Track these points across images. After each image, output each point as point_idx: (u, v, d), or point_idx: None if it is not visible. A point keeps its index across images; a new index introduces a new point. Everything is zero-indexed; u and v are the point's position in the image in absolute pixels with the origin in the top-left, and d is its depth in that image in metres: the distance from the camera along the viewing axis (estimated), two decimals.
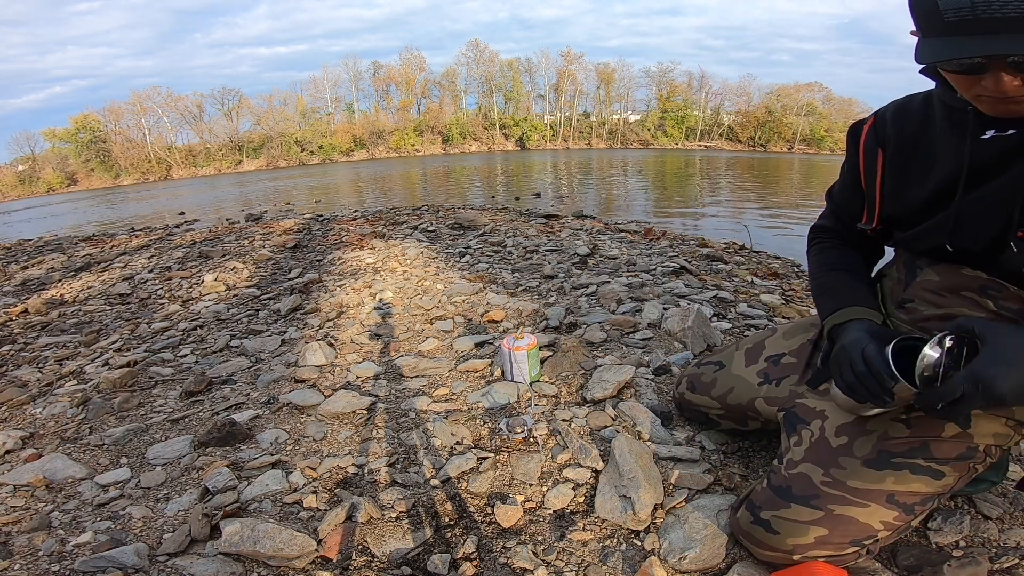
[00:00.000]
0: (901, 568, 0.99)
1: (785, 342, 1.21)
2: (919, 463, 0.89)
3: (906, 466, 0.89)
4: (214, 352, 2.42)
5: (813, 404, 1.05)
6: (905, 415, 0.93)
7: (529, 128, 55.29)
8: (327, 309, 2.84)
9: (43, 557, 1.15)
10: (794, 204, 11.37)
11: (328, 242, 4.98)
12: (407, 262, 3.76)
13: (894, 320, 1.01)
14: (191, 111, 50.39)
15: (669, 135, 55.34)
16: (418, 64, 57.12)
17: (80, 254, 5.80)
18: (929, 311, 0.96)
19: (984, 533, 1.07)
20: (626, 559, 1.07)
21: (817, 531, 0.89)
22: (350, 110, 56.55)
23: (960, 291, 0.91)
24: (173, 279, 3.98)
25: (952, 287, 0.93)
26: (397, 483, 1.34)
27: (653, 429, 1.44)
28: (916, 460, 0.89)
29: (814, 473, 0.93)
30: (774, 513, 0.94)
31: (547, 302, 2.67)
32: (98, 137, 45.51)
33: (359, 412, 1.72)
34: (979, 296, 0.90)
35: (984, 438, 0.90)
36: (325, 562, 1.11)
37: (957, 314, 0.91)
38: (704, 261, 3.91)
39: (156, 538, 1.19)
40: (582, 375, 1.79)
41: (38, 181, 43.20)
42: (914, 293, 0.99)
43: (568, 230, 5.20)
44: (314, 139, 50.65)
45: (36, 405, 1.98)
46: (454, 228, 5.30)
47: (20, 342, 2.82)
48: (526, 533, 1.14)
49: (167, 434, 1.67)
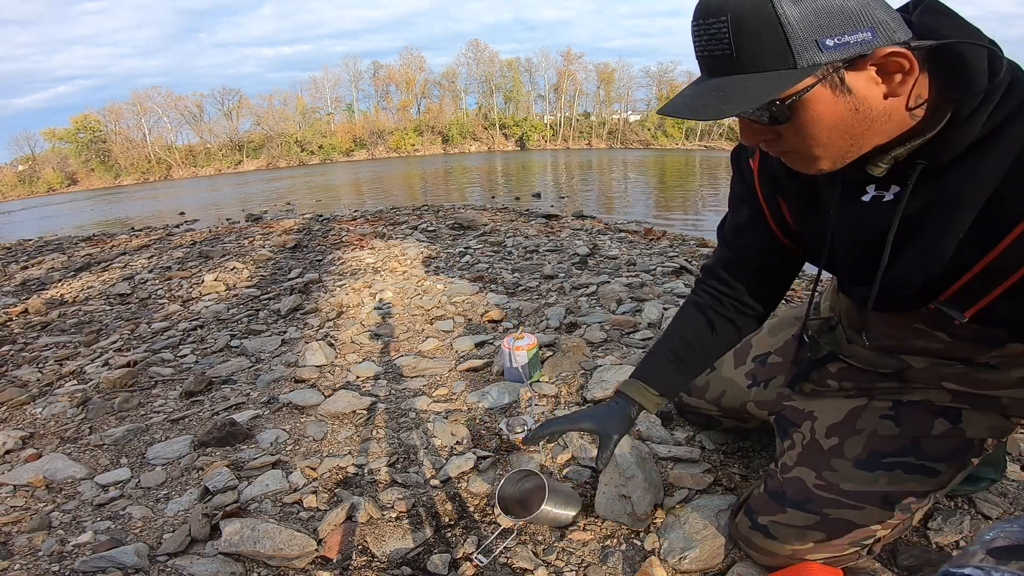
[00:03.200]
0: (901, 568, 0.99)
1: (771, 339, 1.20)
2: (911, 462, 0.87)
3: (898, 466, 0.87)
4: (214, 352, 2.42)
5: (801, 406, 1.04)
6: (893, 412, 0.92)
7: (529, 128, 55.30)
8: (327, 309, 2.84)
9: (43, 557, 1.15)
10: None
11: (328, 242, 4.98)
12: (407, 262, 3.76)
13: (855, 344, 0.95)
14: (191, 111, 50.47)
15: (669, 135, 55.34)
16: (418, 64, 57.20)
17: (80, 254, 5.80)
18: (886, 341, 0.91)
19: None
20: (626, 559, 1.07)
21: (815, 535, 0.89)
22: (350, 110, 56.61)
23: (912, 324, 0.87)
24: (173, 279, 3.98)
25: (903, 321, 0.87)
26: (397, 483, 1.34)
27: (653, 429, 1.44)
28: (908, 459, 0.88)
29: (807, 477, 0.92)
30: (771, 518, 0.93)
31: (547, 302, 2.67)
32: (98, 137, 45.54)
33: (359, 412, 1.72)
34: (931, 329, 0.85)
35: (978, 431, 0.87)
36: (325, 562, 1.11)
37: (914, 347, 0.88)
38: (704, 261, 3.90)
39: (156, 538, 1.19)
40: (582, 375, 1.79)
41: (38, 181, 43.22)
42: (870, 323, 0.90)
43: (568, 230, 5.20)
44: (314, 139, 50.68)
45: (36, 405, 1.98)
46: (454, 228, 5.30)
47: (20, 342, 2.82)
48: (526, 533, 1.14)
49: (167, 434, 1.67)
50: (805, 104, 0.61)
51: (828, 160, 0.67)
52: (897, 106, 0.62)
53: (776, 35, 0.56)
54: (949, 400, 0.89)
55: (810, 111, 0.61)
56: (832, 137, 0.64)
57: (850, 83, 0.59)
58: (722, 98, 0.60)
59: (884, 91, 0.61)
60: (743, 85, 0.59)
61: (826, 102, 0.60)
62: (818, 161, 0.67)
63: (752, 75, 0.59)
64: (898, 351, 0.91)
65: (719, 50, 0.60)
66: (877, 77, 0.60)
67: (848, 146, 0.65)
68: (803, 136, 0.64)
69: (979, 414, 0.88)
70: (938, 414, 0.89)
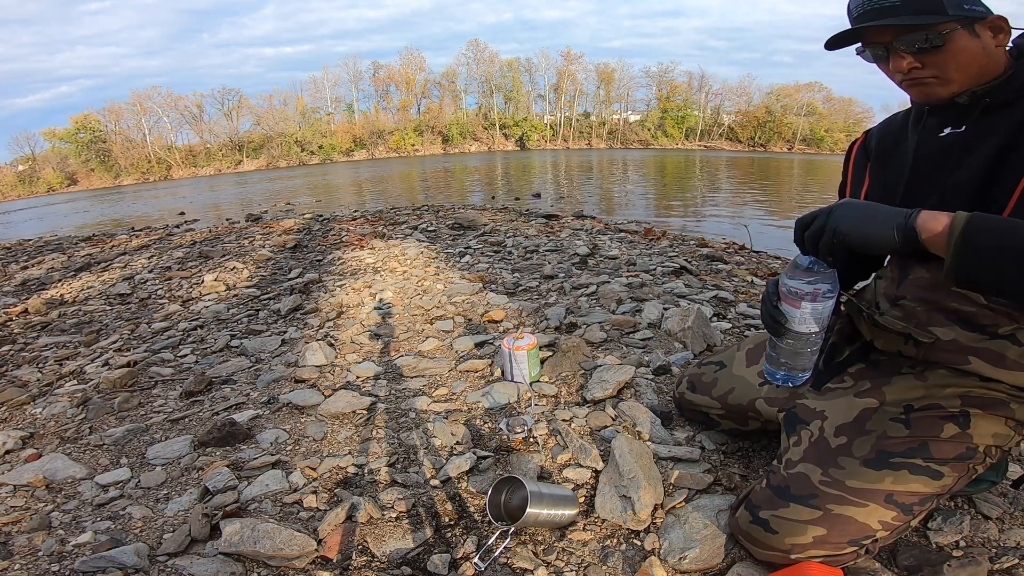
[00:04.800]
0: (901, 568, 0.99)
1: None
2: (918, 463, 0.89)
3: (905, 466, 0.89)
4: (214, 352, 2.42)
5: (813, 404, 1.05)
6: (904, 415, 0.93)
7: (529, 128, 55.27)
8: (327, 309, 2.84)
9: (43, 557, 1.15)
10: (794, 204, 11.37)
11: (328, 242, 4.98)
12: (407, 262, 3.76)
13: (888, 316, 1.01)
14: (191, 111, 50.42)
15: (669, 135, 55.34)
16: (418, 64, 57.16)
17: (80, 254, 5.80)
18: (921, 307, 0.97)
19: (984, 533, 1.07)
20: (626, 559, 1.07)
21: (815, 531, 0.89)
22: (350, 110, 56.57)
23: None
24: (173, 279, 3.98)
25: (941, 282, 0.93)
26: (397, 483, 1.34)
27: (653, 429, 1.44)
28: (915, 460, 0.89)
29: (813, 473, 0.94)
30: (773, 513, 0.94)
31: (547, 302, 2.67)
32: (98, 137, 45.52)
33: (359, 412, 1.72)
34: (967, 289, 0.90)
35: (984, 439, 0.90)
36: (325, 562, 1.11)
37: (947, 307, 0.93)
38: (704, 261, 3.90)
39: (156, 538, 1.19)
40: (582, 375, 1.79)
41: (38, 181, 43.19)
42: (906, 290, 1.00)
43: (568, 230, 5.20)
44: (314, 139, 50.65)
45: (36, 405, 1.98)
46: (454, 228, 5.30)
47: (20, 342, 2.82)
48: (526, 533, 1.14)
49: (167, 434, 1.67)
50: (954, 38, 0.84)
51: (958, 83, 0.88)
52: (1001, 55, 0.88)
53: None
54: (959, 405, 0.92)
55: (956, 43, 0.84)
56: (969, 64, 0.86)
57: (979, 31, 0.85)
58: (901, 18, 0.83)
59: (995, 42, 0.87)
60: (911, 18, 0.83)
61: (966, 40, 0.85)
62: (951, 84, 0.88)
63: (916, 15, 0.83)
64: (927, 324, 0.96)
65: (888, 1, 0.84)
66: (991, 32, 0.86)
67: (975, 75, 0.87)
68: (948, 62, 0.86)
69: (987, 421, 0.90)
70: (948, 419, 0.91)
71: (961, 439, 0.90)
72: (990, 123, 0.87)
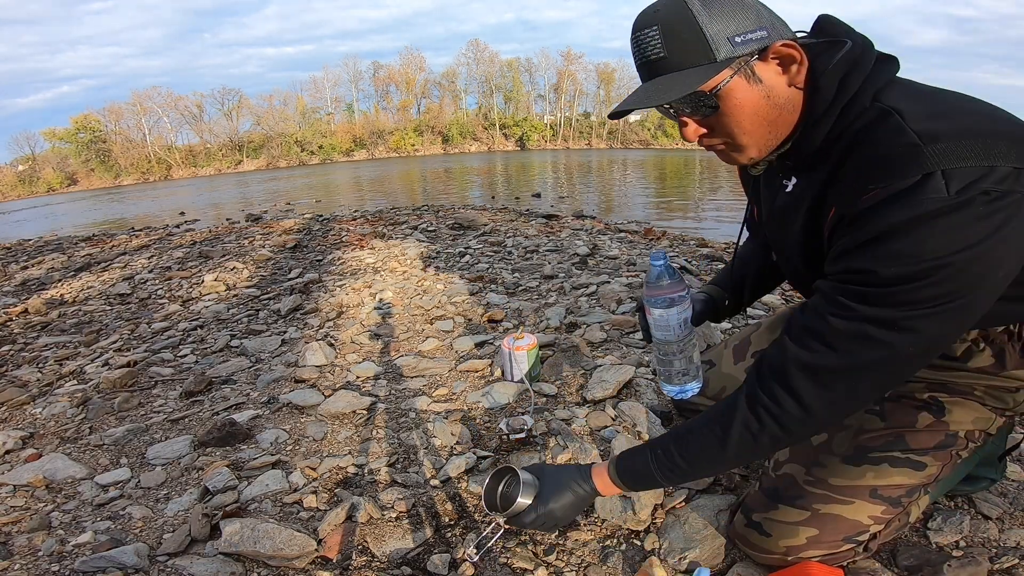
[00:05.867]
0: (901, 568, 0.99)
1: (770, 336, 1.21)
2: (897, 456, 0.89)
3: (884, 460, 0.89)
4: (214, 352, 2.42)
5: None
6: (878, 406, 0.94)
7: (529, 128, 55.32)
8: (327, 309, 2.84)
9: (43, 557, 1.15)
10: None
11: (328, 242, 4.98)
12: (407, 262, 3.76)
13: None
14: (191, 111, 50.53)
15: (669, 135, 55.29)
16: (418, 64, 57.24)
17: (80, 254, 5.80)
18: None
19: (984, 533, 1.06)
20: (626, 559, 1.07)
21: (807, 531, 0.89)
22: (350, 110, 56.66)
23: None
24: (173, 279, 3.98)
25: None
26: (397, 483, 1.34)
27: (653, 429, 1.44)
28: (893, 453, 0.89)
29: (798, 473, 0.94)
30: (764, 515, 0.94)
31: (547, 302, 2.67)
32: (98, 137, 45.56)
33: (359, 412, 1.72)
34: None
35: (962, 425, 0.90)
36: (325, 562, 1.11)
37: None
38: (704, 261, 3.90)
39: (156, 538, 1.19)
40: (582, 375, 1.79)
41: (38, 181, 43.24)
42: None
43: (568, 230, 5.20)
44: (314, 139, 50.70)
45: (36, 405, 1.98)
46: (454, 228, 5.30)
47: (20, 342, 2.82)
48: (526, 533, 1.14)
49: (167, 434, 1.67)
50: (728, 94, 0.71)
51: (755, 148, 0.77)
52: (795, 98, 0.74)
53: (697, 36, 0.69)
54: (924, 390, 0.92)
55: (732, 99, 0.72)
56: (754, 124, 0.74)
57: (760, 73, 0.71)
58: (660, 90, 0.71)
59: (787, 80, 0.73)
60: (675, 79, 0.71)
61: (744, 90, 0.71)
62: (747, 149, 0.77)
63: (682, 72, 0.70)
64: None
65: (653, 54, 0.72)
66: (779, 68, 0.72)
67: (768, 133, 0.76)
68: (731, 125, 0.74)
69: (962, 407, 0.90)
70: (921, 408, 0.91)
71: (938, 427, 0.90)
72: (808, 178, 0.80)
